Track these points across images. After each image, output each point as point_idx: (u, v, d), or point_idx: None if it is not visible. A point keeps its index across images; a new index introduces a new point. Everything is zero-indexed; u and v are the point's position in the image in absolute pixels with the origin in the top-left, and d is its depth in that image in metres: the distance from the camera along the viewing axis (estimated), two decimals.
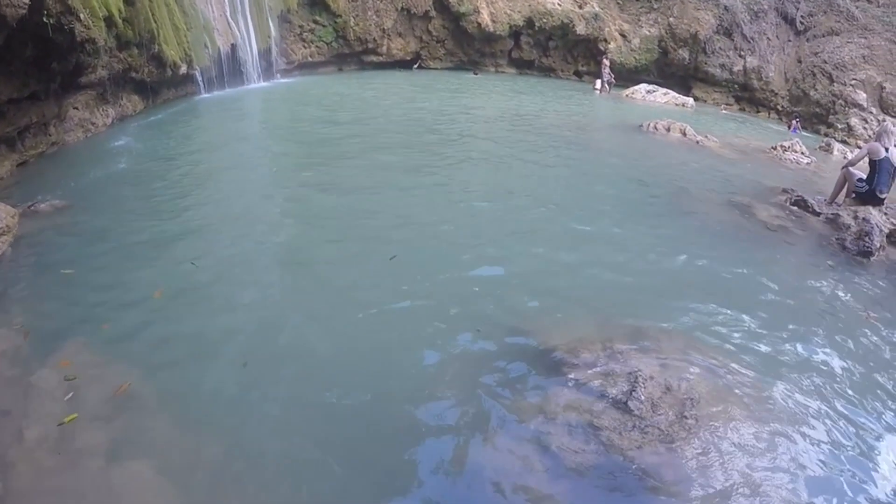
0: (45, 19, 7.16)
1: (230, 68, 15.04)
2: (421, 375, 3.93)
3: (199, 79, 13.77)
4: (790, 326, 4.94)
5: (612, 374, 3.77)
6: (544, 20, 23.51)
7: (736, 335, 4.66)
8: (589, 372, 3.82)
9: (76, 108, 9.29)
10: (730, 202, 8.05)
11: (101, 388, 3.63)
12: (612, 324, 4.51)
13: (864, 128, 20.19)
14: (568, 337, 4.25)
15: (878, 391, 4.23)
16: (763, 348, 4.54)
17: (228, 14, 14.73)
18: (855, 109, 20.86)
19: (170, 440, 3.32)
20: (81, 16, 7.90)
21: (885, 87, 20.75)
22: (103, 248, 5.43)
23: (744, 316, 5.01)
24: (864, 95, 20.90)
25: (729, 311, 5.04)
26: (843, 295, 5.80)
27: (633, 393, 3.58)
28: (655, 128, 13.21)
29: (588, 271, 5.52)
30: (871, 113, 20.68)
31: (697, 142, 12.68)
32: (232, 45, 14.93)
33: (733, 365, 4.19)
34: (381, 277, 5.09)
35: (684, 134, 13.00)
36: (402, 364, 4.04)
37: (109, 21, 9.15)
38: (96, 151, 8.91)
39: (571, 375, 3.81)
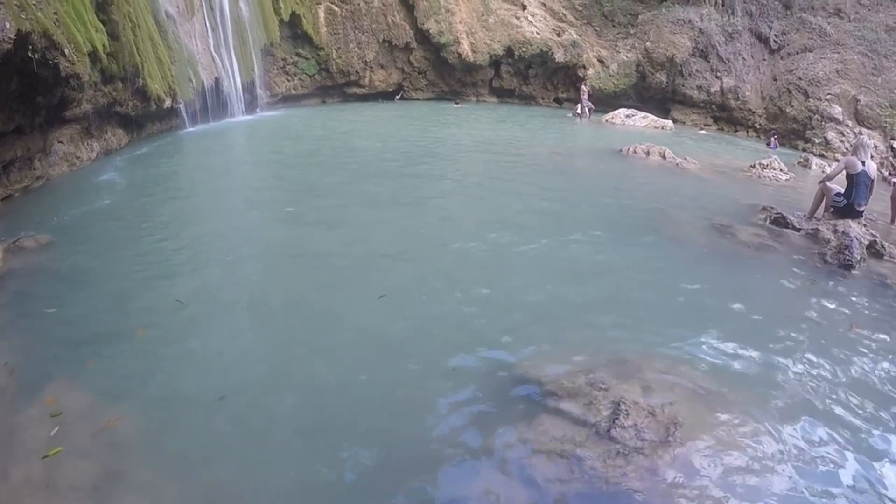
0: (30, 54, 7.16)
1: (214, 102, 15.06)
2: (402, 409, 3.88)
3: (184, 112, 13.75)
4: (773, 345, 4.92)
5: (595, 401, 3.75)
6: (524, 49, 23.91)
7: (720, 357, 4.63)
8: (572, 400, 3.79)
9: (61, 142, 9.22)
10: (711, 224, 8.03)
11: (86, 424, 3.58)
12: (595, 351, 4.50)
13: (841, 141, 20.60)
14: (551, 366, 4.23)
15: (866, 406, 4.18)
16: (747, 368, 4.51)
17: (212, 48, 14.82)
18: (831, 123, 21.29)
19: (153, 477, 3.25)
20: (66, 51, 7.91)
21: (859, 100, 21.24)
22: (88, 285, 5.37)
23: (727, 337, 4.98)
24: (840, 109, 21.35)
25: (712, 334, 5.01)
26: (826, 310, 5.80)
27: (616, 420, 3.57)
28: (635, 152, 13.25)
29: (570, 301, 5.47)
30: (848, 126, 21.12)
31: (677, 164, 12.71)
32: (216, 78, 14.99)
33: (718, 387, 4.15)
34: (369, 316, 4.99)
35: (664, 157, 13.04)
36: (383, 398, 3.98)
37: (94, 56, 9.16)
38: (81, 186, 8.84)
39: (554, 405, 3.78)
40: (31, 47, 7.14)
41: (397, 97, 23.85)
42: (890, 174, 15.82)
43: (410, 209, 8.14)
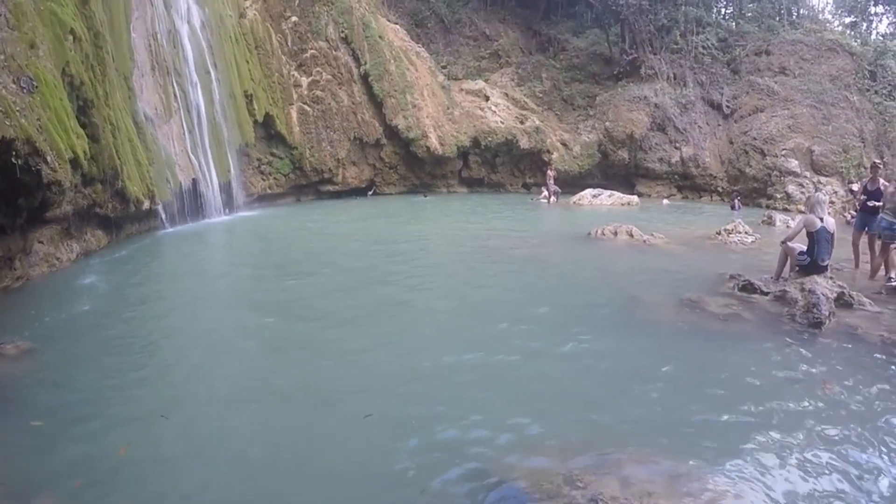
0: (13, 160, 7.18)
1: (192, 202, 15.01)
2: None
3: (162, 213, 13.64)
4: (749, 419, 4.86)
5: (573, 501, 3.70)
6: (489, 138, 24.83)
7: (697, 439, 4.55)
8: (551, 502, 3.72)
9: (41, 243, 9.02)
10: (680, 301, 7.98)
11: None
12: (570, 447, 4.40)
13: (802, 193, 21.51)
14: (528, 467, 4.15)
15: (847, 470, 4.11)
16: (725, 446, 4.43)
17: (189, 149, 14.95)
18: (790, 177, 22.34)
19: None
20: (48, 158, 7.90)
21: (814, 151, 22.42)
22: (72, 397, 5.22)
23: (702, 418, 4.90)
24: (796, 162, 22.48)
25: (687, 416, 4.94)
26: (798, 373, 5.80)
27: None
28: (603, 234, 13.31)
29: (545, 398, 5.34)
30: (806, 177, 22.18)
31: (644, 241, 12.80)
32: (193, 179, 15.03)
33: (697, 470, 4.08)
34: (354, 436, 4.76)
35: (631, 235, 13.13)
36: None
37: (75, 162, 9.08)
38: (62, 290, 8.60)
39: None
40: (14, 153, 7.15)
41: (370, 192, 24.19)
42: (852, 217, 16.39)
43: (390, 315, 7.84)
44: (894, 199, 9.22)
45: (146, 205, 12.43)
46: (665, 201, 23.63)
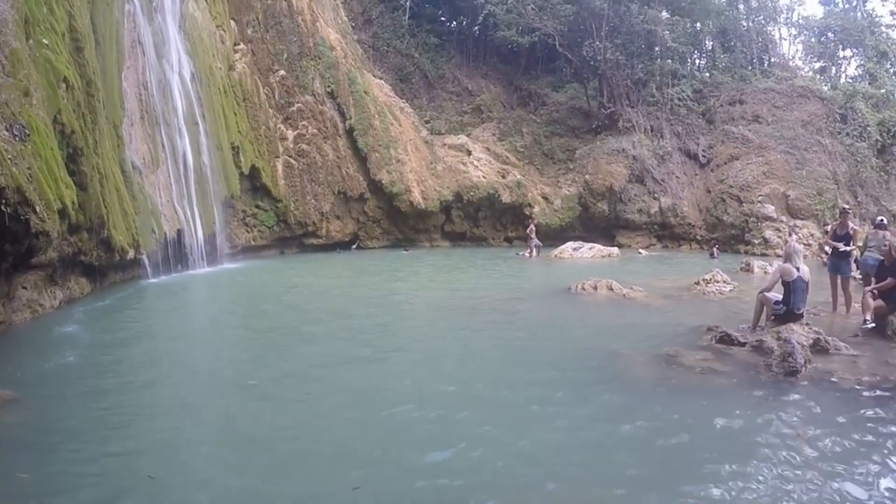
0: (2, 208, 7.15)
1: (176, 253, 14.85)
2: None
3: (146, 263, 13.48)
4: (726, 474, 4.78)
5: None
6: (472, 193, 25.16)
7: (671, 499, 4.46)
8: None
9: (25, 288, 8.83)
10: (658, 356, 7.90)
11: None
12: None
13: (779, 237, 22.07)
14: None
15: None
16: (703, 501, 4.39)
17: (175, 199, 14.90)
18: (767, 222, 22.91)
19: None
20: (37, 208, 7.87)
21: (789, 195, 23.08)
22: (57, 452, 5.08)
23: (679, 474, 4.85)
24: (772, 207, 23.10)
25: (665, 475, 4.86)
26: (774, 423, 5.77)
27: None
28: (583, 289, 13.27)
29: (521, 466, 5.17)
30: (782, 221, 22.77)
31: (624, 295, 12.79)
32: (178, 230, 14.93)
33: None
34: None
35: (611, 289, 13.10)
36: None
37: (63, 212, 9.00)
38: (45, 338, 8.36)
39: None
40: (4, 201, 7.12)
41: (353, 246, 24.14)
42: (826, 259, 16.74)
43: (371, 380, 7.50)
44: (875, 238, 9.48)
45: (131, 254, 12.27)
46: (642, 251, 23.85)
